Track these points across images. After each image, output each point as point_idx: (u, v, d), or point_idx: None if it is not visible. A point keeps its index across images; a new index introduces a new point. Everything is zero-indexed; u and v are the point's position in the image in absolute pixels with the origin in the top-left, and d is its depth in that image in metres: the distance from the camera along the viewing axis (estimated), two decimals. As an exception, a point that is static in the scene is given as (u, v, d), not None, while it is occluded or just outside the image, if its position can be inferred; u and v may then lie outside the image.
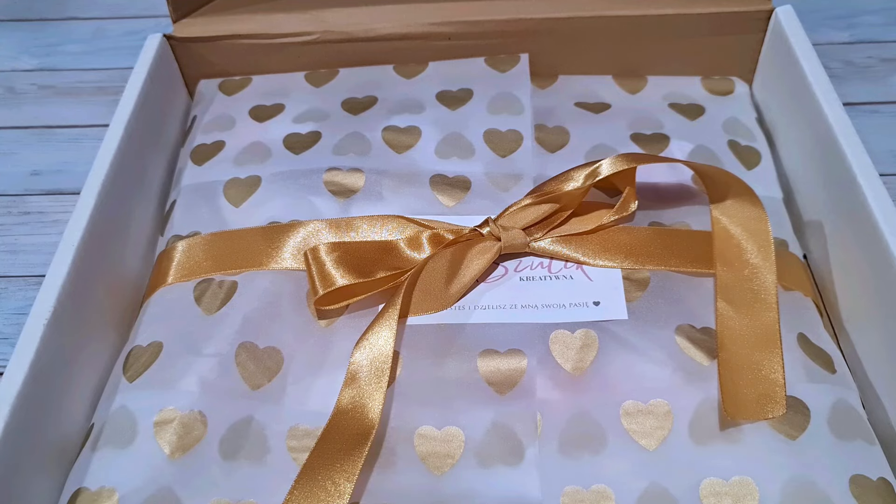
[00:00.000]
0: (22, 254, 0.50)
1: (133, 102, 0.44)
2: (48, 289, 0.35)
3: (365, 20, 0.49)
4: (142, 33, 0.49)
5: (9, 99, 0.61)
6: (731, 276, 0.36)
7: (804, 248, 0.42)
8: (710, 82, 0.49)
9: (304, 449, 0.32)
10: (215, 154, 0.45)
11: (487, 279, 0.37)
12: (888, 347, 0.35)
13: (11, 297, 0.47)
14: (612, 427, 0.32)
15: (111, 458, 0.33)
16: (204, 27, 0.49)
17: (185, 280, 0.39)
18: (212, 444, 0.33)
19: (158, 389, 0.34)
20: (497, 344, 0.35)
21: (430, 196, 0.41)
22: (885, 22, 0.63)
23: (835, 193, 0.39)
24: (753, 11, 0.48)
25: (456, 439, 0.32)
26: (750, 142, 0.45)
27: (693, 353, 0.34)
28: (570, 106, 0.47)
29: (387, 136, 0.44)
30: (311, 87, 0.49)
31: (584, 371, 0.34)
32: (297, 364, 0.35)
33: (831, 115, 0.40)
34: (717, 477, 0.31)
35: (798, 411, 0.32)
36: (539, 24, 0.48)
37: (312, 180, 0.42)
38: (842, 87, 0.49)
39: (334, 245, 0.36)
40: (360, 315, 0.36)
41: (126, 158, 0.42)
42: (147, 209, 0.45)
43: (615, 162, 0.37)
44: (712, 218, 0.39)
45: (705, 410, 0.32)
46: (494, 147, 0.43)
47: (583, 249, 0.38)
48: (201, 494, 0.31)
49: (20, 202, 0.53)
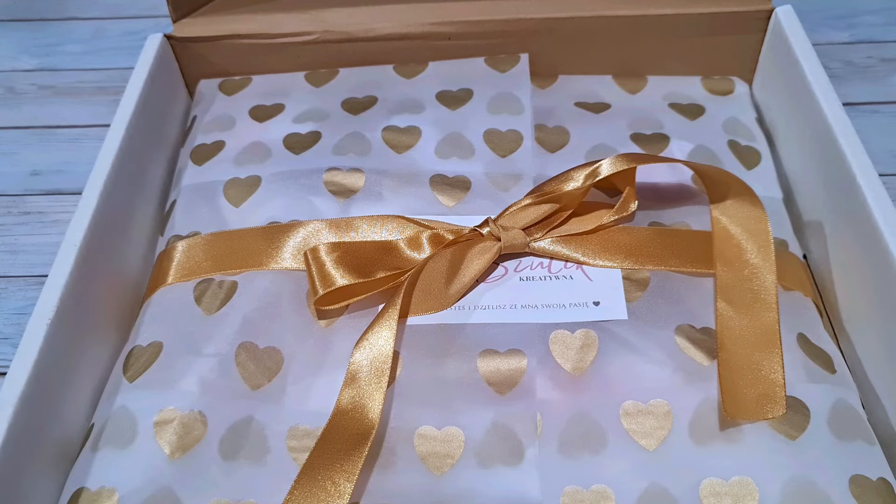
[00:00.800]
0: (22, 254, 0.50)
1: (134, 102, 0.44)
2: (51, 288, 0.35)
3: (365, 20, 0.49)
4: (142, 33, 0.49)
5: (9, 99, 0.61)
6: (731, 277, 0.36)
7: (804, 248, 0.42)
8: (710, 82, 0.49)
9: (304, 449, 0.32)
10: (215, 154, 0.45)
11: (487, 279, 0.37)
12: (888, 347, 0.35)
13: (11, 297, 0.47)
14: (611, 427, 0.32)
15: (111, 458, 0.33)
16: (204, 27, 0.49)
17: (185, 280, 0.39)
18: (212, 444, 0.33)
19: (158, 389, 0.34)
20: (497, 344, 0.35)
21: (430, 196, 0.41)
22: (885, 22, 0.63)
23: (834, 193, 0.39)
24: (753, 11, 0.48)
25: (456, 439, 0.32)
26: (750, 142, 0.45)
27: (693, 354, 0.34)
28: (570, 106, 0.47)
29: (387, 136, 0.44)
30: (311, 86, 0.49)
31: (584, 371, 0.34)
32: (297, 364, 0.35)
33: (831, 115, 0.40)
34: (717, 477, 0.31)
35: (798, 411, 0.32)
36: (539, 23, 0.48)
37: (312, 180, 0.42)
38: (842, 87, 0.49)
39: (334, 245, 0.36)
40: (360, 315, 0.36)
41: (127, 158, 0.42)
42: (147, 209, 0.45)
43: (615, 162, 0.37)
44: (712, 218, 0.39)
45: (705, 410, 0.32)
46: (494, 147, 0.43)
47: (583, 249, 0.38)
48: (201, 494, 0.31)
49: (20, 202, 0.53)
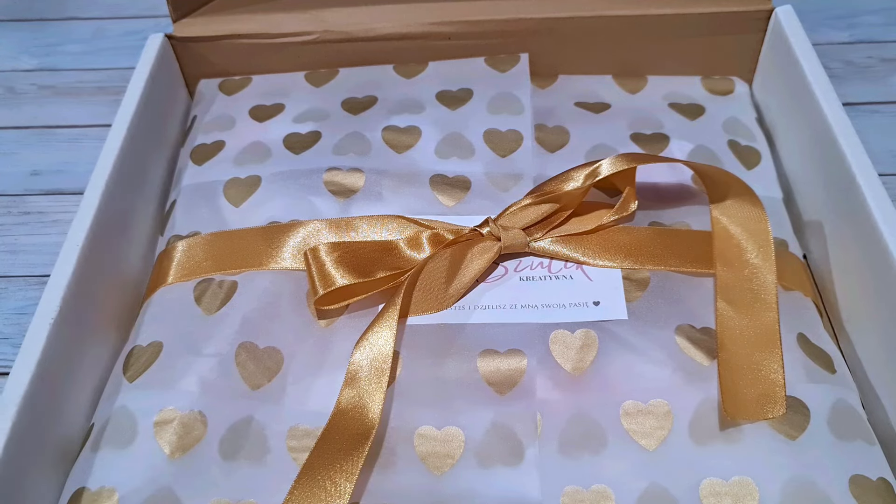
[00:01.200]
0: (22, 254, 0.50)
1: (135, 102, 0.44)
2: (53, 288, 0.35)
3: (365, 20, 0.49)
4: (142, 33, 0.49)
5: (9, 99, 0.61)
6: (731, 276, 0.36)
7: (804, 248, 0.42)
8: (710, 82, 0.49)
9: (304, 449, 0.32)
10: (215, 154, 0.45)
11: (487, 279, 0.37)
12: (888, 348, 0.35)
13: (11, 298, 0.47)
14: (611, 427, 0.32)
15: (111, 458, 0.33)
16: (204, 27, 0.49)
17: (185, 280, 0.39)
18: (212, 444, 0.33)
19: (158, 389, 0.34)
20: (497, 344, 0.35)
21: (430, 196, 0.41)
22: (885, 22, 0.63)
23: (834, 193, 0.39)
24: (753, 11, 0.48)
25: (456, 439, 0.32)
26: (750, 142, 0.45)
27: (693, 354, 0.34)
28: (570, 106, 0.47)
29: (387, 135, 0.44)
30: (311, 86, 0.49)
31: (583, 371, 0.34)
32: (296, 364, 0.35)
33: (831, 115, 0.40)
34: (717, 477, 0.31)
35: (798, 411, 0.32)
36: (539, 23, 0.48)
37: (312, 180, 0.42)
38: (842, 87, 0.49)
39: (334, 245, 0.36)
40: (360, 315, 0.36)
41: (128, 158, 0.42)
42: (147, 209, 0.45)
43: (615, 162, 0.37)
44: (712, 218, 0.39)
45: (705, 410, 0.32)
46: (494, 147, 0.43)
47: (583, 249, 0.38)
48: (201, 494, 0.31)
49: (20, 202, 0.53)
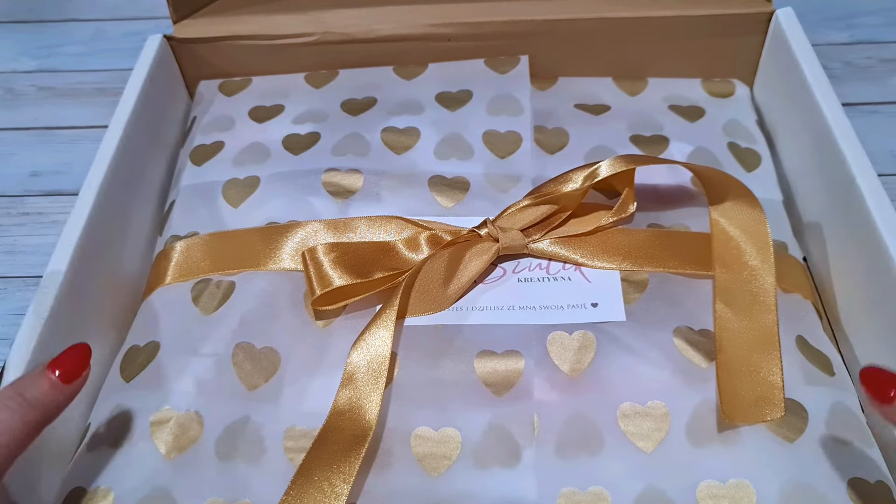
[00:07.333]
0: (21, 255, 0.50)
1: (133, 103, 0.44)
2: (46, 288, 0.35)
3: (365, 21, 0.49)
4: (141, 34, 0.49)
5: (8, 100, 0.61)
6: (730, 278, 0.36)
7: (804, 251, 0.42)
8: (711, 84, 0.49)
9: (300, 450, 0.32)
10: (214, 154, 0.45)
11: (485, 280, 0.37)
12: (887, 350, 0.35)
13: (10, 298, 0.47)
14: (609, 429, 0.32)
15: (107, 458, 0.33)
16: (204, 28, 0.49)
17: (183, 280, 0.39)
18: (208, 445, 0.32)
19: (155, 389, 0.34)
20: (494, 345, 0.35)
21: (429, 197, 0.41)
22: (884, 22, 0.63)
23: (834, 195, 0.39)
24: (754, 13, 0.47)
25: (453, 440, 0.32)
26: (750, 144, 0.45)
27: (691, 355, 0.34)
28: (569, 107, 0.47)
29: (386, 137, 0.44)
30: (311, 87, 0.49)
31: (581, 373, 0.34)
32: (294, 364, 0.35)
33: (831, 117, 0.40)
34: (715, 479, 0.31)
35: (796, 414, 0.32)
36: (539, 25, 0.48)
37: (311, 181, 0.42)
38: (841, 88, 0.49)
39: (332, 245, 0.36)
40: (357, 316, 0.36)
41: (125, 158, 0.42)
42: (146, 209, 0.45)
43: (614, 163, 0.37)
44: (711, 220, 0.39)
45: (703, 412, 0.32)
46: (493, 148, 0.43)
47: (581, 251, 0.38)
48: (197, 495, 0.31)
49: (19, 203, 0.53)
